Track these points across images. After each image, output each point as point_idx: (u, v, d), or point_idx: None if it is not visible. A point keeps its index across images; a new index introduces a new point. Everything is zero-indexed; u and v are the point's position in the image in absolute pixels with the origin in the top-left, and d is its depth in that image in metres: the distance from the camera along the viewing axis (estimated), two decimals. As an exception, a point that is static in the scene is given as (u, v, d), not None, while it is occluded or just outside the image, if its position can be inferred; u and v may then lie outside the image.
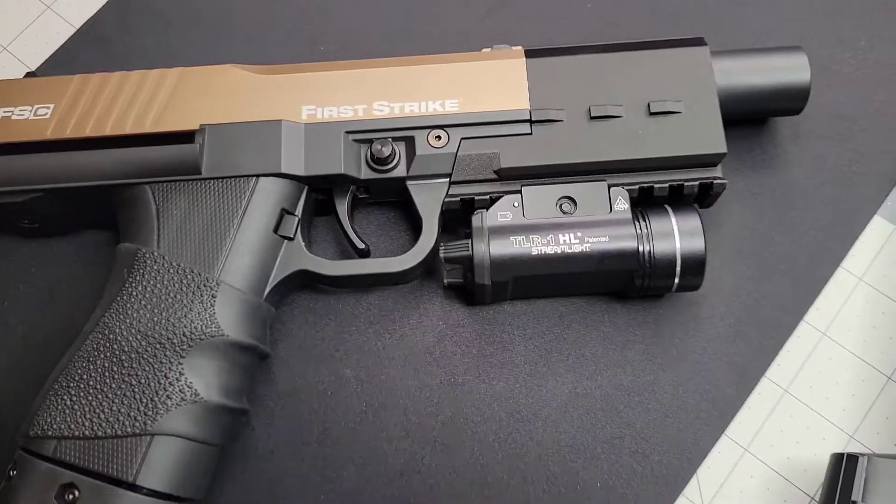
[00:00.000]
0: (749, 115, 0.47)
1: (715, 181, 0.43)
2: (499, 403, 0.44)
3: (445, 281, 0.44)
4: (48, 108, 0.43)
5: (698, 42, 0.44)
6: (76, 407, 0.38)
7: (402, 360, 0.45)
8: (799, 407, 0.44)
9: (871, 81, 0.50)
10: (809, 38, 0.51)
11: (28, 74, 0.46)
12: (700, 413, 0.44)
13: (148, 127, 0.43)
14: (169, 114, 0.43)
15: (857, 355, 0.45)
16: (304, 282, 0.45)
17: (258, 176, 0.42)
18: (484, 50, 0.46)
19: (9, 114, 0.43)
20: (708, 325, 0.45)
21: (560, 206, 0.42)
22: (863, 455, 0.38)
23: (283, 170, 0.42)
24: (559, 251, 0.41)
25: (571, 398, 0.44)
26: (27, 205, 0.43)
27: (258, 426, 0.44)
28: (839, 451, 0.40)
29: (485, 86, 0.44)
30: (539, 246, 0.41)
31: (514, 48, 0.45)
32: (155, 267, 0.40)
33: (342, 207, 0.44)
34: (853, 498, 0.37)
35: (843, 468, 0.39)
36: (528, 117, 0.43)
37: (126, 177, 0.42)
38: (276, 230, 0.42)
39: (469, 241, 0.42)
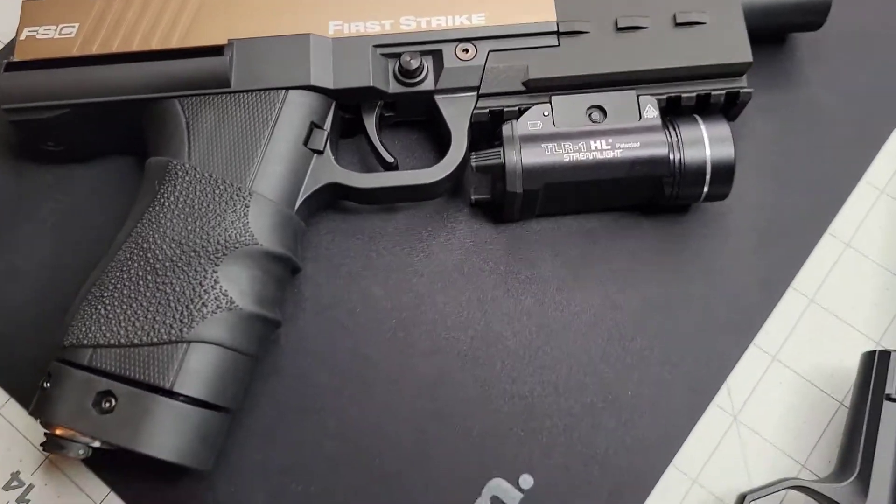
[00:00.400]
0: (771, 30, 0.47)
1: (742, 90, 0.43)
2: (528, 317, 0.44)
3: (473, 198, 0.44)
4: (73, 27, 0.43)
5: None
6: (111, 315, 0.38)
7: (430, 277, 0.45)
8: (824, 315, 0.45)
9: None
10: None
11: None
12: (728, 323, 0.44)
13: (175, 42, 0.43)
14: (196, 29, 0.43)
15: (881, 264, 0.46)
16: (334, 197, 0.45)
17: (287, 89, 0.42)
18: None
19: (33, 33, 0.43)
20: (734, 237, 0.46)
21: (590, 114, 0.42)
22: (894, 350, 0.39)
23: (313, 82, 0.42)
24: (591, 157, 0.41)
25: (600, 311, 0.45)
26: (53, 122, 0.42)
27: (287, 343, 0.44)
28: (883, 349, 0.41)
29: None
30: (571, 153, 0.41)
31: None
32: (187, 178, 0.40)
33: (370, 122, 0.44)
34: (888, 391, 0.38)
35: (876, 364, 0.39)
36: (556, 29, 0.43)
37: (155, 91, 0.42)
38: (305, 143, 0.42)
39: (501, 150, 0.42)
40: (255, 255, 0.39)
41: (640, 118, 0.42)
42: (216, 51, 0.42)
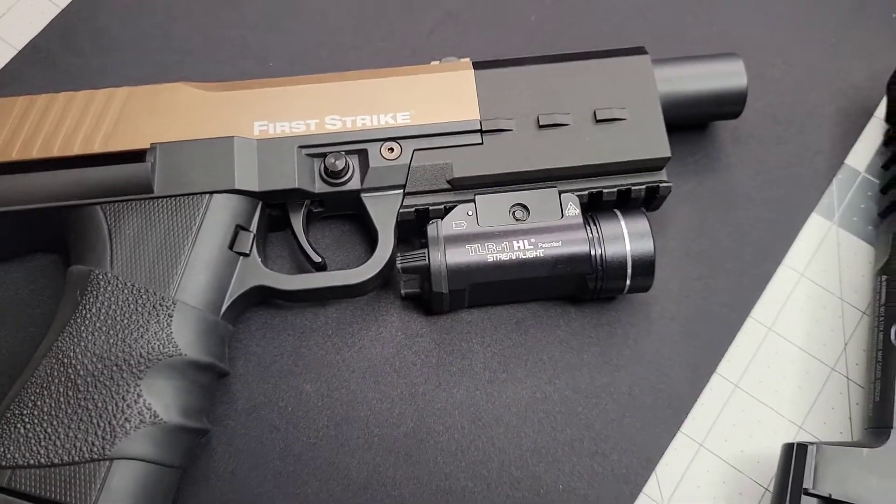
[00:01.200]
0: (691, 120, 0.48)
1: (661, 184, 0.44)
2: (460, 411, 0.45)
3: (403, 291, 0.45)
4: None
5: (639, 51, 0.46)
6: (31, 435, 0.37)
7: (362, 372, 0.45)
8: (749, 401, 0.46)
9: (804, 86, 0.52)
10: (745, 46, 0.53)
11: None
12: (656, 411, 0.45)
13: (97, 147, 0.42)
14: (118, 133, 0.42)
15: (802, 348, 0.47)
16: (262, 297, 0.44)
17: (212, 193, 0.42)
18: (433, 62, 0.47)
19: None
20: (659, 324, 0.47)
21: (513, 213, 0.43)
22: (811, 444, 0.40)
23: (237, 186, 0.42)
24: (514, 257, 0.42)
25: (531, 402, 0.45)
26: None
27: (218, 446, 0.44)
28: (789, 441, 0.42)
29: (435, 98, 0.44)
30: (494, 253, 0.42)
31: (462, 60, 0.46)
32: (109, 288, 0.40)
33: (297, 222, 0.44)
34: (805, 485, 0.39)
35: (794, 457, 0.40)
36: (479, 127, 0.44)
37: (76, 198, 0.41)
38: (231, 247, 0.42)
39: (425, 251, 0.42)
40: (179, 366, 0.39)
41: (563, 216, 0.43)
42: (138, 156, 0.42)
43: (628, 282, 0.43)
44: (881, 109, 0.51)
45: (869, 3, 0.54)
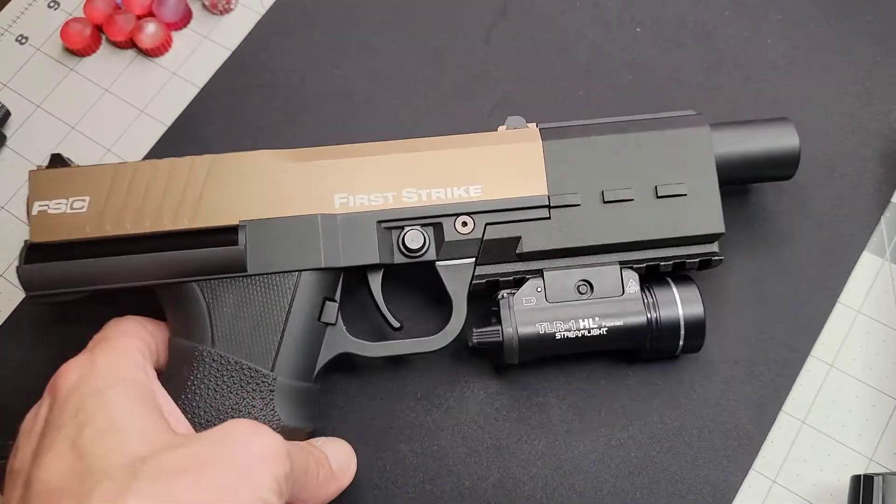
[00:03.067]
0: (746, 182, 0.51)
1: (713, 258, 0.47)
2: (542, 461, 0.49)
3: (474, 342, 0.47)
4: (84, 200, 0.45)
5: (699, 122, 0.48)
6: None
7: (450, 430, 0.50)
8: (817, 436, 0.48)
9: (843, 131, 0.55)
10: (783, 99, 0.56)
11: (53, 157, 0.47)
12: (727, 451, 0.48)
13: (187, 223, 0.45)
14: (206, 207, 0.45)
15: (865, 382, 0.49)
16: (347, 360, 0.49)
17: (301, 271, 0.45)
18: (500, 128, 0.49)
19: (45, 207, 0.45)
20: (723, 368, 0.50)
21: (578, 287, 0.47)
22: (878, 475, 0.42)
23: (324, 264, 0.45)
24: (580, 335, 0.46)
25: (608, 449, 0.49)
26: (74, 300, 0.45)
27: (328, 504, 0.49)
28: (859, 473, 0.44)
29: (506, 171, 0.47)
30: (562, 331, 0.45)
31: (529, 126, 0.49)
32: (215, 366, 0.43)
33: (376, 288, 0.47)
34: (874, 514, 0.41)
35: (862, 489, 0.42)
36: (547, 203, 0.46)
37: (174, 276, 0.44)
38: (319, 318, 0.46)
39: (499, 328, 0.46)
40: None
41: (623, 292, 0.46)
42: (230, 232, 0.45)
43: (681, 343, 0.46)
44: (922, 147, 0.54)
45: (893, 46, 0.57)
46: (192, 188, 0.46)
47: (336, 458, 0.45)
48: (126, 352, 0.41)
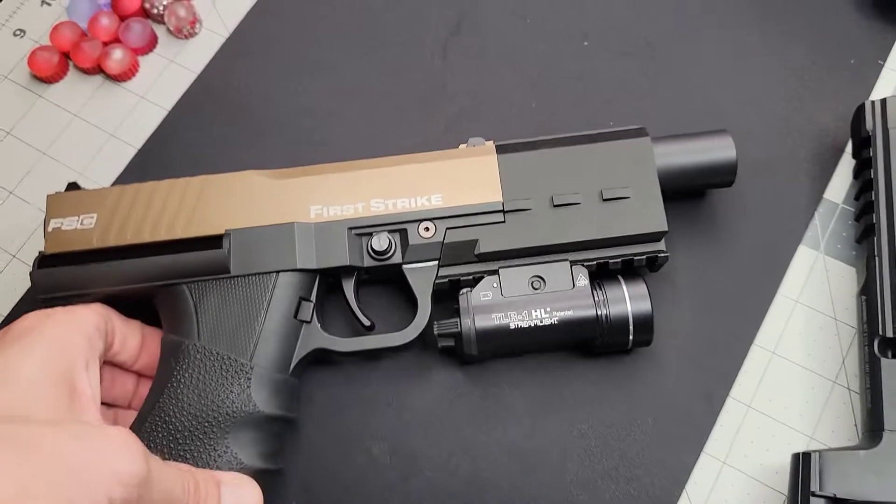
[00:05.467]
0: (688, 191, 0.55)
1: (659, 254, 0.51)
2: (508, 455, 0.51)
3: (440, 345, 0.51)
4: (92, 217, 0.51)
5: (641, 132, 0.52)
6: None
7: (419, 429, 0.52)
8: (763, 419, 0.52)
9: (779, 134, 0.59)
10: (723, 104, 0.60)
11: (70, 184, 0.53)
12: (680, 436, 0.51)
13: (180, 233, 0.50)
14: (197, 219, 0.50)
15: (804, 366, 0.53)
16: (323, 356, 0.52)
17: (278, 272, 0.50)
18: (461, 146, 0.54)
19: (59, 225, 0.51)
20: (674, 360, 0.53)
21: (531, 283, 0.50)
22: (815, 451, 0.46)
23: (299, 266, 0.50)
24: (532, 324, 0.49)
25: (569, 440, 0.52)
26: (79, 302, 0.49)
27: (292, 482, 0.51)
28: (800, 450, 0.48)
29: (464, 182, 0.51)
30: (515, 321, 0.49)
31: (486, 143, 0.53)
32: (199, 356, 0.47)
33: (349, 290, 0.52)
34: (812, 488, 0.45)
35: (801, 465, 0.46)
36: (502, 208, 0.51)
37: (167, 278, 0.49)
38: (295, 316, 0.50)
39: (458, 320, 0.50)
40: (258, 420, 0.47)
41: (573, 286, 0.50)
42: (216, 239, 0.50)
43: (631, 337, 0.50)
44: (849, 146, 0.58)
45: (826, 52, 0.61)
46: (187, 204, 0.51)
47: (235, 499, 0.43)
48: (81, 316, 0.45)
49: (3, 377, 0.39)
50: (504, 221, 0.51)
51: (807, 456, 0.46)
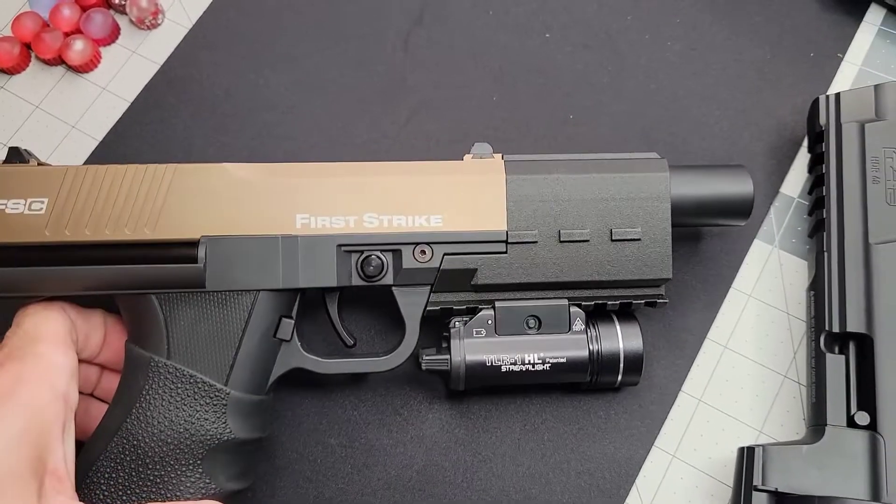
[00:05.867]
0: (700, 225, 0.53)
1: (658, 301, 0.49)
2: (462, 448, 0.52)
3: (423, 366, 0.49)
4: (42, 202, 0.44)
5: (660, 167, 0.48)
6: (108, 502, 0.44)
7: (375, 423, 0.53)
8: (713, 413, 0.52)
9: (737, 127, 0.59)
10: (682, 99, 0.60)
11: (12, 150, 0.46)
12: (631, 430, 0.52)
13: (147, 233, 0.45)
14: (166, 218, 0.45)
15: (755, 360, 0.53)
16: (300, 374, 0.50)
17: (259, 291, 0.46)
18: (466, 156, 0.49)
19: (3, 206, 0.44)
20: (627, 354, 0.53)
21: (527, 322, 0.48)
22: (759, 446, 0.46)
23: (282, 286, 0.46)
24: (524, 369, 0.48)
25: (523, 434, 0.52)
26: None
27: (263, 498, 0.52)
28: (750, 444, 0.48)
29: (467, 203, 0.47)
30: (507, 364, 0.48)
31: (495, 157, 0.49)
32: (170, 378, 0.44)
33: (332, 307, 0.49)
34: (755, 482, 0.45)
35: (745, 459, 0.46)
36: (505, 238, 0.47)
37: (133, 288, 0.45)
38: (275, 335, 0.47)
39: (448, 357, 0.48)
40: (232, 445, 0.45)
41: (570, 330, 0.49)
42: (190, 246, 0.45)
43: (620, 377, 0.49)
44: (806, 140, 0.58)
45: (784, 46, 0.61)
46: (154, 197, 0.45)
47: None
48: (53, 368, 0.41)
49: None
50: (506, 252, 0.47)
51: (751, 450, 0.46)
